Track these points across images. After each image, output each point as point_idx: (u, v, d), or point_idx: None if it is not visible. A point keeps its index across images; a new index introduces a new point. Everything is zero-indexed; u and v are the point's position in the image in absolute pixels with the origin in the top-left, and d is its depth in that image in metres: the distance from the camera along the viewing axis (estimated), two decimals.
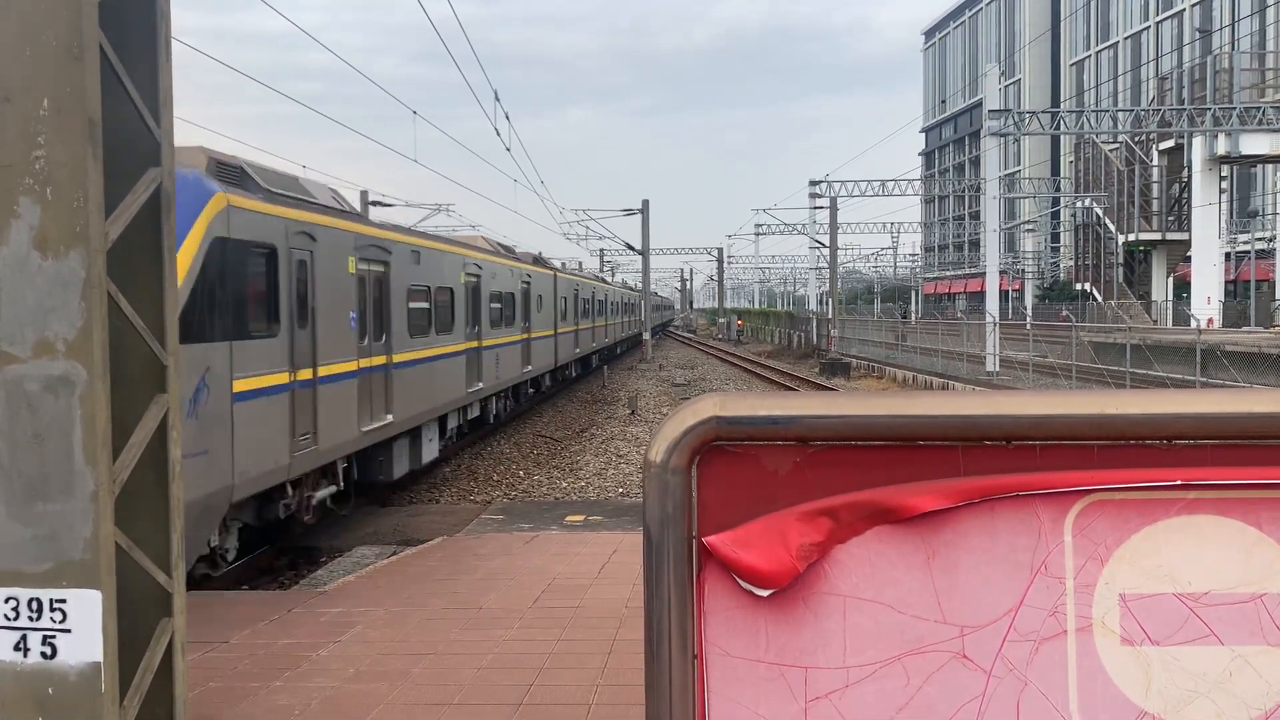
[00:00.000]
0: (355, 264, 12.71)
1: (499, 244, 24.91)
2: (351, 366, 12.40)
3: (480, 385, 19.59)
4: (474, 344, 19.12)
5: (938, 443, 1.73)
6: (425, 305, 15.72)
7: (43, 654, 3.44)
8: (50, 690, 3.45)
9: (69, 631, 3.45)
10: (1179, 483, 1.69)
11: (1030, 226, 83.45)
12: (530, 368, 24.82)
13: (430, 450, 16.58)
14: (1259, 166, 54.67)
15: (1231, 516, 1.70)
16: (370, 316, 13.32)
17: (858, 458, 1.74)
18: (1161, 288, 49.65)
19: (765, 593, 1.73)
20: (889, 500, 1.72)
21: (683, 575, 1.75)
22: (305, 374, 11.07)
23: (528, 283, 24.63)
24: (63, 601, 3.44)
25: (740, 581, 1.74)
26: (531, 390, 26.38)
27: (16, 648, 3.44)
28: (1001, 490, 1.71)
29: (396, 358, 14.30)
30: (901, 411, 1.73)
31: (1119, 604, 1.71)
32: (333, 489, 12.37)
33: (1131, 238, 49.53)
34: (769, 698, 1.74)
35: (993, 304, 35.66)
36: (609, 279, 60.16)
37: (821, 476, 1.74)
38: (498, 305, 21.27)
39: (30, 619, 3.44)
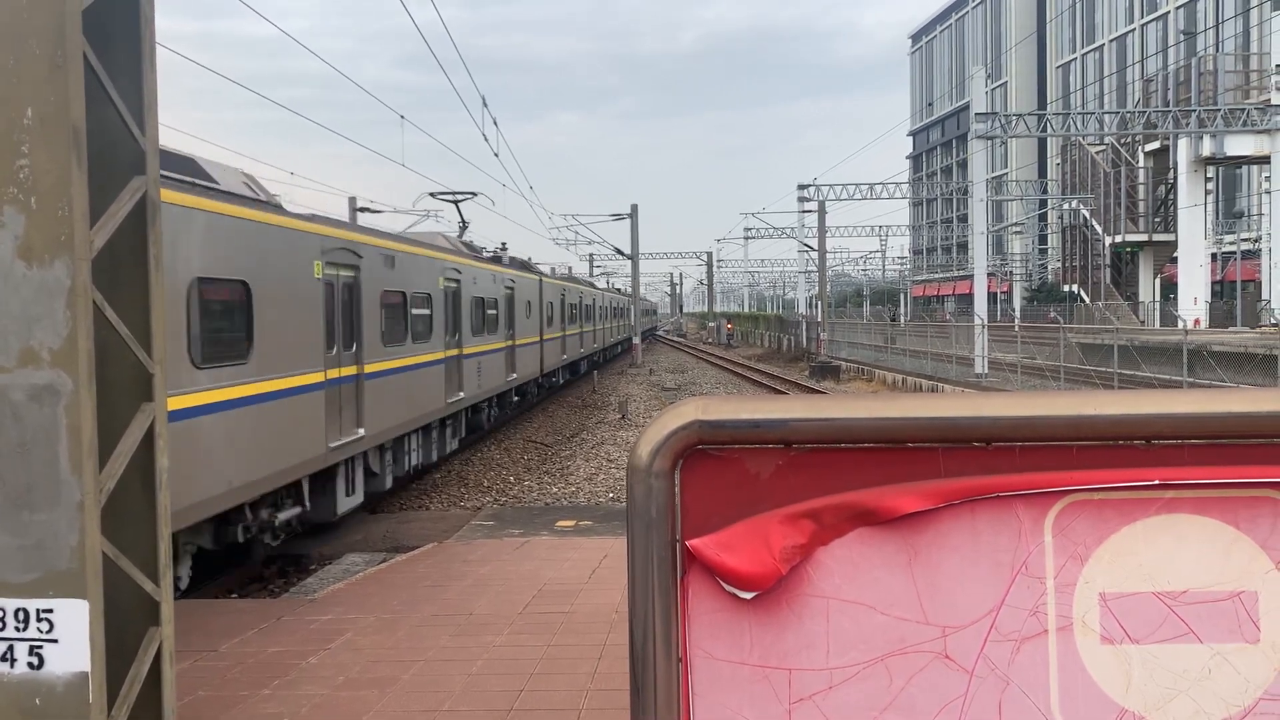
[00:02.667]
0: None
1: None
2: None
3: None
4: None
5: (919, 444, 1.75)
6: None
7: (30, 664, 3.43)
8: (38, 701, 3.43)
9: (56, 641, 3.44)
10: (1157, 482, 1.71)
11: (1018, 228, 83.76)
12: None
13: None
14: (1244, 167, 54.99)
15: (1210, 516, 1.71)
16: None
17: (839, 460, 1.75)
18: (1149, 288, 49.87)
19: (749, 595, 1.75)
20: (871, 502, 1.74)
21: (667, 579, 1.76)
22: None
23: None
24: (50, 611, 3.43)
25: (724, 584, 1.75)
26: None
27: (4, 658, 3.42)
28: (982, 491, 1.73)
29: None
30: (882, 414, 1.74)
31: (1099, 603, 1.72)
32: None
33: (1118, 239, 49.75)
34: (753, 700, 1.75)
35: (980, 306, 35.75)
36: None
37: (804, 479, 1.75)
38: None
39: (17, 629, 3.43)
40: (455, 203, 26.80)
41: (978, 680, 1.73)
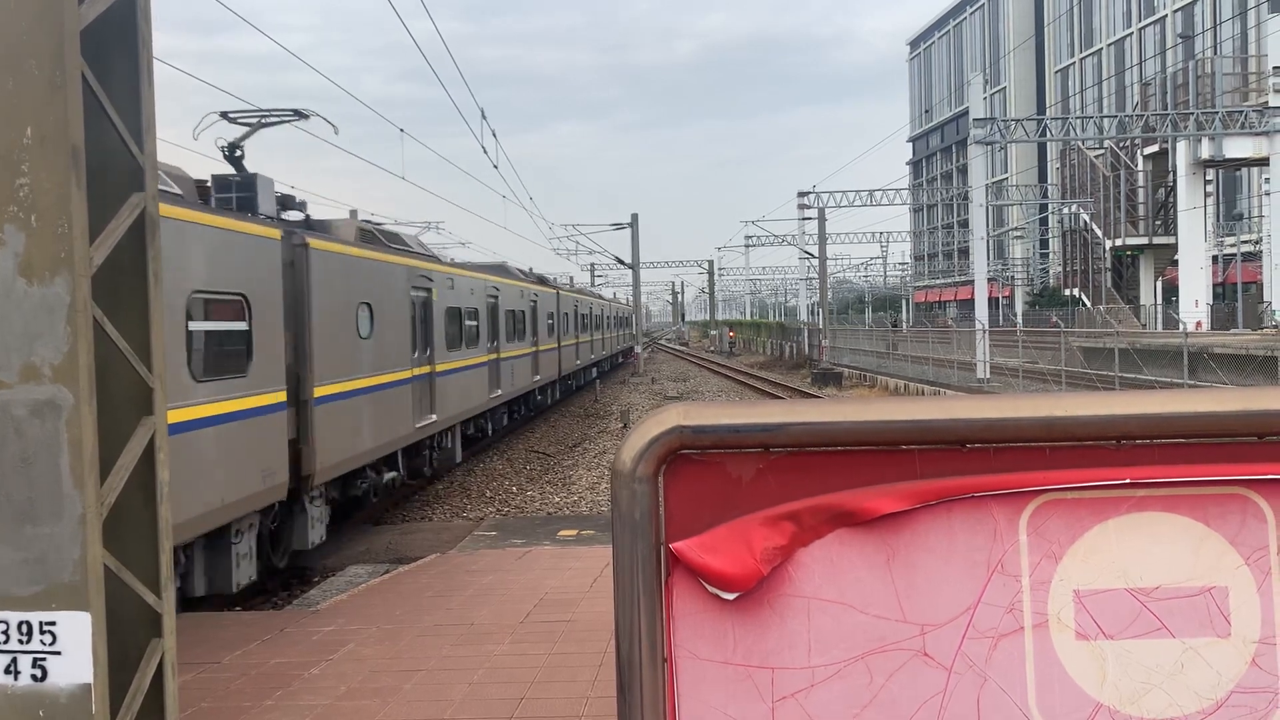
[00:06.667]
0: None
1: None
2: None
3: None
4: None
5: (895, 447, 1.79)
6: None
7: (33, 676, 3.47)
8: (41, 713, 3.47)
9: (59, 654, 3.47)
10: (1128, 481, 1.75)
11: (1019, 233, 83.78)
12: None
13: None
14: (1244, 169, 55.01)
15: (1179, 513, 1.75)
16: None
17: (818, 463, 1.80)
18: (1150, 292, 49.89)
19: (731, 596, 1.79)
20: (849, 503, 1.78)
21: (651, 581, 1.81)
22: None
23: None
24: (52, 624, 3.47)
25: (707, 586, 1.80)
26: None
27: (7, 671, 3.46)
28: (957, 492, 1.77)
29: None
30: (859, 417, 1.78)
31: (1073, 600, 1.76)
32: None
33: (1119, 242, 49.81)
34: (737, 698, 1.79)
35: (981, 311, 35.78)
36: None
37: (784, 482, 1.80)
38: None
39: (20, 642, 3.47)
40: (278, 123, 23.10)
41: (956, 677, 1.77)
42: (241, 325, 9.93)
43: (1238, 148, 39.95)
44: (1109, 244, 50.53)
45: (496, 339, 22.11)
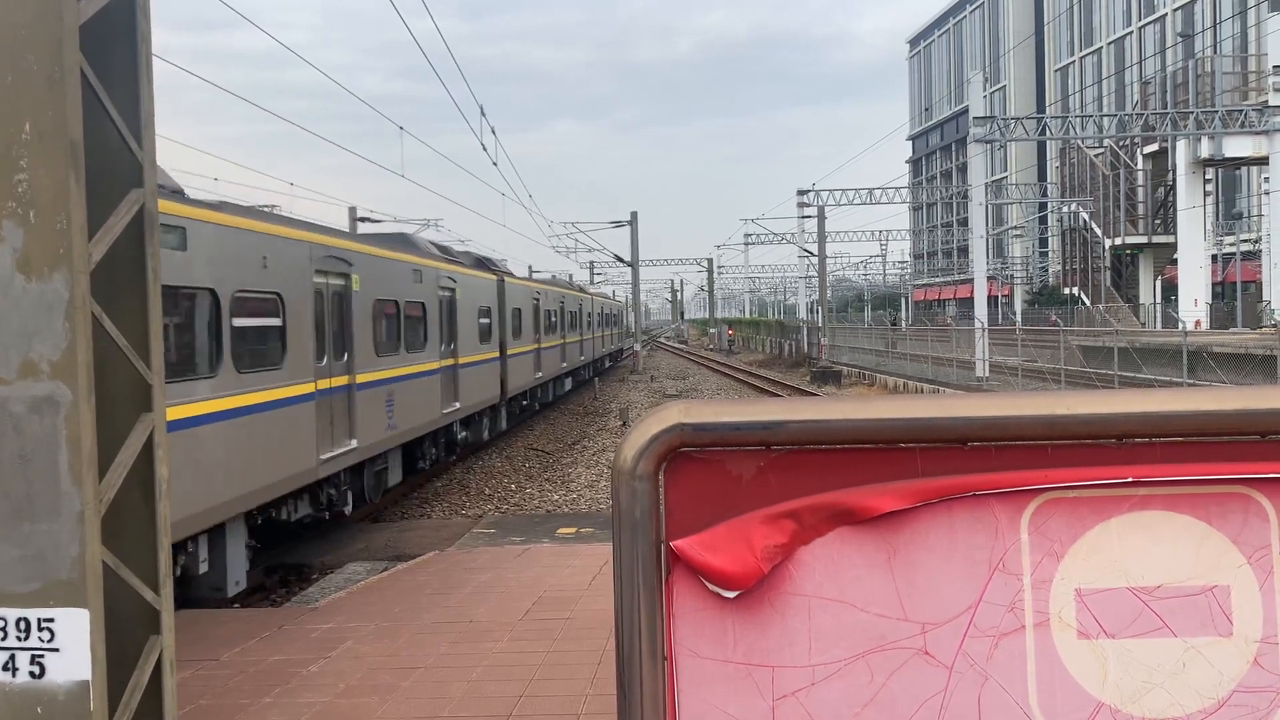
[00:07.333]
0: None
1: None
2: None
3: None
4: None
5: (896, 445, 1.78)
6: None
7: (31, 673, 3.46)
8: (39, 710, 3.47)
9: (57, 651, 3.47)
10: (1130, 480, 1.74)
11: (1018, 232, 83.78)
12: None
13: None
14: (1243, 169, 55.02)
15: (1181, 512, 1.75)
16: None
17: (819, 461, 1.79)
18: (1149, 290, 49.89)
19: (732, 594, 1.78)
20: (850, 502, 1.77)
21: (652, 579, 1.80)
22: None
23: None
24: (51, 621, 3.46)
25: (707, 584, 1.79)
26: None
27: (5, 667, 3.46)
28: (958, 490, 1.76)
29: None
30: (860, 415, 1.78)
31: (1075, 599, 1.76)
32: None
33: (1118, 241, 49.81)
34: (737, 697, 1.79)
35: (981, 310, 35.79)
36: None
37: (784, 480, 1.79)
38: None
39: (19, 639, 3.46)
40: None
41: (957, 676, 1.76)
42: None
43: (1237, 147, 39.96)
44: (1108, 243, 50.53)
45: (344, 352, 13.09)
